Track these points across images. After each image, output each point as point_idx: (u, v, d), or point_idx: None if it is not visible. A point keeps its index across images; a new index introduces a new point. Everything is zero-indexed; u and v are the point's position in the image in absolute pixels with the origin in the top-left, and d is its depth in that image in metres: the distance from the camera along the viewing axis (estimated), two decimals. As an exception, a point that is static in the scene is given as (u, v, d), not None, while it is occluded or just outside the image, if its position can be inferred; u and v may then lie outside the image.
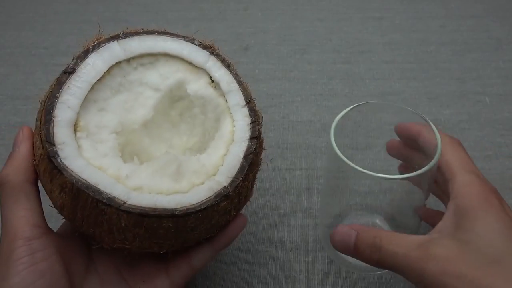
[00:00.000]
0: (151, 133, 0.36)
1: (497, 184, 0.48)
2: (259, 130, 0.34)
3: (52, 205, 0.31)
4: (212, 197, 0.31)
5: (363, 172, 0.32)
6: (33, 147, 0.31)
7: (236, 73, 0.36)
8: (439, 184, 0.37)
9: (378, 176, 0.32)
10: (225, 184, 0.31)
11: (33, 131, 0.32)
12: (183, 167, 0.32)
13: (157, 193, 0.30)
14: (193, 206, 0.30)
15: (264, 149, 0.36)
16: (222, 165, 0.33)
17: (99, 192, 0.28)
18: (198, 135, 0.36)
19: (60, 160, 0.29)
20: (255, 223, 0.46)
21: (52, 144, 0.29)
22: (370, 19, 0.71)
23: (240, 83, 0.35)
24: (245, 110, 0.35)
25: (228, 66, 0.36)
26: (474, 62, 0.63)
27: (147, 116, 0.35)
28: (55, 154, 0.29)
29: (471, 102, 0.57)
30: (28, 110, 0.57)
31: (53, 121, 0.30)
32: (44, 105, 0.31)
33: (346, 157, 0.33)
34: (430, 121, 0.36)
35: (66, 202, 0.29)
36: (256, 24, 0.70)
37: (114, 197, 0.29)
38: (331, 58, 0.64)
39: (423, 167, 0.32)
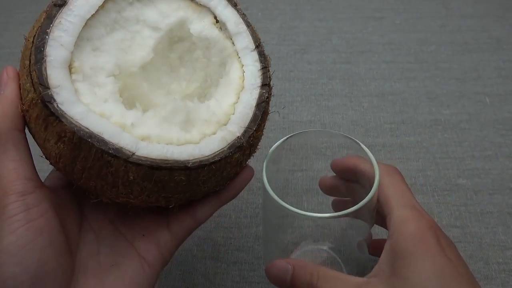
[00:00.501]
0: (149, 77, 0.32)
1: (497, 184, 0.48)
2: (269, 77, 0.32)
3: (43, 156, 0.28)
4: (225, 149, 0.29)
5: (297, 212, 0.30)
6: (20, 90, 0.28)
7: (243, 13, 0.33)
8: (382, 217, 0.34)
9: (313, 216, 0.30)
10: (238, 134, 0.29)
11: (18, 71, 0.29)
12: (192, 115, 0.29)
13: (167, 143, 0.28)
14: (206, 158, 0.28)
15: (273, 95, 0.34)
16: (233, 114, 0.30)
17: (104, 142, 0.26)
18: (199, 81, 0.33)
19: (57, 106, 0.25)
20: (255, 223, 0.46)
21: (47, 87, 0.26)
22: (370, 19, 0.71)
23: (248, 24, 0.33)
24: (255, 55, 0.32)
25: (234, 5, 0.33)
26: (474, 62, 0.63)
27: (146, 58, 0.31)
28: (51, 98, 0.26)
29: (471, 102, 0.57)
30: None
31: (45, 60, 0.26)
32: (32, 42, 0.27)
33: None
34: (365, 147, 0.34)
35: (64, 152, 0.26)
36: (256, 24, 0.70)
37: (121, 147, 0.26)
38: (331, 58, 0.64)
39: (362, 200, 0.30)
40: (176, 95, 0.32)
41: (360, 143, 0.34)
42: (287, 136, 0.35)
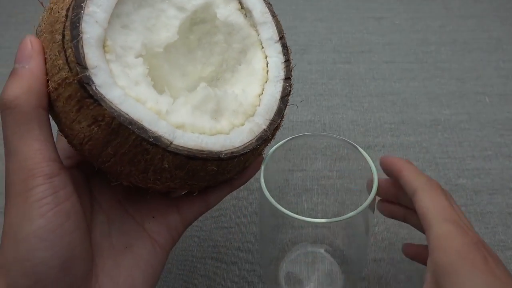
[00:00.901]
0: (170, 59, 0.31)
1: (497, 184, 0.48)
2: (292, 70, 0.32)
3: (61, 134, 0.28)
4: (254, 141, 0.29)
5: (293, 217, 0.30)
6: (46, 65, 0.26)
7: (269, 3, 0.32)
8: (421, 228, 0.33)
9: (310, 221, 0.30)
10: (264, 126, 0.30)
11: (43, 44, 0.27)
12: (222, 104, 0.29)
13: (200, 133, 0.27)
14: (237, 149, 0.28)
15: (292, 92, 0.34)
16: (259, 106, 0.30)
17: (144, 129, 0.25)
18: (215, 65, 0.33)
19: (96, 88, 0.24)
20: (255, 223, 0.46)
21: (85, 67, 0.24)
22: (370, 19, 0.71)
23: (273, 14, 0.32)
24: (278, 46, 0.32)
25: None
26: (474, 62, 0.63)
27: (171, 39, 0.30)
28: (89, 80, 0.24)
29: (471, 102, 0.57)
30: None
31: (81, 37, 0.25)
32: (66, 15, 0.25)
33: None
34: (361, 148, 0.34)
35: (96, 136, 0.25)
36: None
37: (161, 136, 0.25)
38: (331, 58, 0.64)
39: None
40: (190, 77, 0.32)
41: (359, 147, 0.34)
42: (285, 140, 0.35)
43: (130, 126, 0.24)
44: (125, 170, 0.27)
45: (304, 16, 0.72)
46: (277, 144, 0.34)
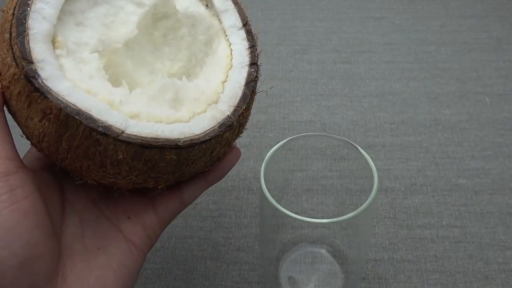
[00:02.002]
0: (133, 56, 0.31)
1: (497, 184, 0.48)
2: (257, 55, 0.32)
3: (24, 136, 0.27)
4: (216, 127, 0.28)
5: (293, 217, 0.30)
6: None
7: None
8: None
9: (310, 222, 0.30)
10: (228, 113, 0.29)
11: None
12: (181, 93, 0.29)
13: (157, 122, 0.27)
14: (197, 137, 0.27)
15: (260, 75, 0.33)
16: (222, 92, 0.30)
17: (92, 119, 0.25)
18: (183, 60, 0.33)
19: (42, 81, 0.24)
20: (255, 223, 0.46)
21: (30, 61, 0.24)
22: (370, 19, 0.71)
23: (235, 2, 0.32)
24: (242, 33, 0.31)
25: None
26: (474, 62, 0.63)
27: (129, 34, 0.30)
28: (35, 73, 0.24)
29: (471, 102, 0.57)
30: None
31: (27, 33, 0.25)
32: (13, 13, 0.26)
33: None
34: (361, 148, 0.34)
35: (48, 131, 0.25)
36: (256, 24, 0.70)
37: (111, 125, 0.25)
38: (331, 58, 0.64)
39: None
40: (160, 74, 0.32)
41: (359, 147, 0.34)
42: (285, 140, 0.35)
43: (77, 117, 0.24)
44: (84, 166, 0.26)
45: (304, 16, 0.72)
46: (277, 144, 0.34)
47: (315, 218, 0.30)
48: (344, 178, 0.42)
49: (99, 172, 0.26)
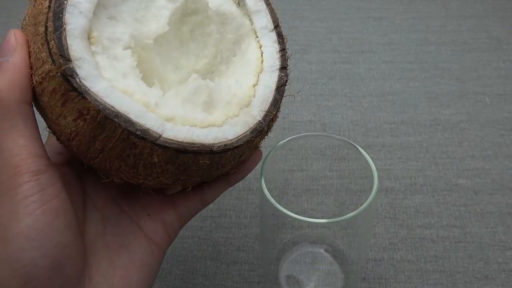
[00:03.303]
0: (161, 51, 0.30)
1: (497, 184, 0.48)
2: (287, 59, 0.31)
3: (49, 130, 0.27)
4: (248, 133, 0.28)
5: (294, 217, 0.30)
6: (30, 59, 0.25)
7: None
8: None
9: (310, 222, 0.30)
10: (259, 118, 0.29)
11: (27, 37, 0.26)
12: (214, 96, 0.28)
13: (191, 126, 0.26)
14: (230, 142, 0.27)
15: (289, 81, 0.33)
16: (254, 96, 0.29)
17: (130, 122, 0.24)
18: (208, 57, 0.32)
19: (80, 81, 0.23)
20: (255, 223, 0.46)
21: (68, 59, 0.23)
22: (370, 19, 0.71)
23: (267, 2, 0.31)
24: (273, 35, 0.31)
25: None
26: (474, 62, 0.63)
27: (161, 30, 0.29)
28: (73, 72, 0.23)
29: (471, 102, 0.57)
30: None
31: (64, 29, 0.24)
32: (49, 6, 0.24)
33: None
34: (361, 149, 0.34)
35: (82, 130, 0.24)
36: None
37: (148, 129, 0.24)
38: (331, 58, 0.64)
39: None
40: (184, 71, 0.31)
41: (359, 147, 0.34)
42: (285, 140, 0.35)
43: (116, 119, 0.24)
44: (114, 166, 0.26)
45: (304, 16, 0.72)
46: (277, 144, 0.34)
47: (315, 218, 0.30)
48: (344, 178, 0.42)
49: (130, 172, 0.26)
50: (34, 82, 0.25)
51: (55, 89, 0.24)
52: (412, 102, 0.57)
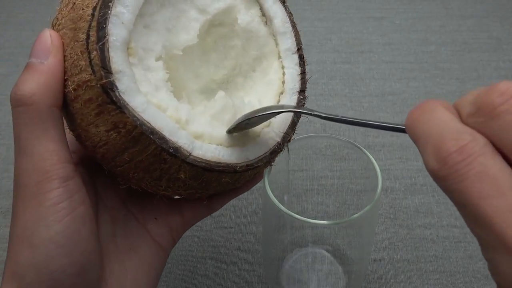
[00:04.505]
0: (185, 60, 0.30)
1: (497, 184, 0.48)
2: (306, 82, 0.31)
3: (72, 133, 0.27)
4: (268, 154, 0.29)
5: (297, 218, 0.30)
6: (64, 63, 0.25)
7: (290, 12, 0.32)
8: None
9: (313, 223, 0.30)
10: (278, 139, 0.29)
11: (62, 41, 0.25)
12: (238, 115, 0.28)
13: (217, 144, 0.27)
14: (251, 163, 0.28)
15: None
16: (274, 117, 0.30)
17: (164, 139, 0.24)
18: (227, 69, 0.32)
19: (119, 94, 0.23)
20: (255, 223, 0.46)
21: (109, 72, 0.23)
22: (370, 19, 0.71)
23: (293, 24, 0.32)
24: (296, 58, 0.31)
25: (283, 1, 0.31)
26: (474, 62, 0.63)
27: (190, 42, 0.29)
28: (113, 85, 0.23)
29: (471, 102, 0.57)
30: (28, 110, 0.57)
31: (107, 40, 0.23)
32: (93, 14, 0.24)
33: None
34: (367, 152, 0.34)
35: (114, 142, 0.24)
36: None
37: (180, 146, 0.25)
38: (331, 58, 0.64)
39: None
40: (202, 79, 0.31)
41: (363, 149, 0.34)
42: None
43: (151, 136, 0.24)
44: (138, 176, 0.26)
45: (304, 16, 0.72)
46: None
47: (315, 218, 0.30)
48: (344, 178, 0.42)
49: (151, 183, 0.26)
50: (68, 88, 0.25)
51: (92, 98, 0.24)
52: (412, 102, 0.57)
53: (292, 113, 0.30)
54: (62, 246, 0.24)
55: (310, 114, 0.26)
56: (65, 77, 0.25)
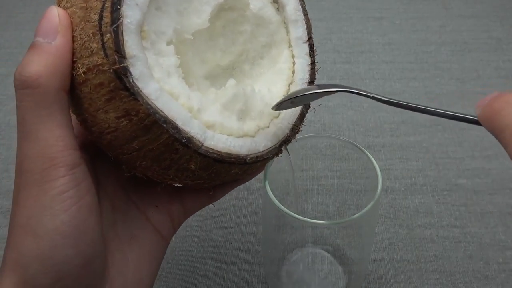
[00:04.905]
0: (193, 44, 0.29)
1: (497, 184, 0.48)
2: (316, 73, 0.31)
3: (76, 117, 0.25)
4: (277, 146, 0.28)
5: (297, 218, 0.30)
6: (73, 44, 0.23)
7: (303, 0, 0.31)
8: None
9: (313, 223, 0.30)
10: (288, 131, 0.29)
11: (71, 20, 0.23)
12: (249, 104, 0.28)
13: (228, 134, 0.26)
14: (261, 154, 0.27)
15: None
16: None
17: (177, 129, 0.23)
18: (234, 54, 0.31)
19: (133, 81, 0.22)
20: (255, 223, 0.46)
21: (123, 56, 0.22)
22: (370, 19, 0.71)
23: (305, 13, 0.30)
24: (306, 47, 0.30)
25: None
26: (474, 62, 0.63)
27: (201, 26, 0.28)
28: (127, 71, 0.22)
29: (471, 102, 0.57)
30: (28, 110, 0.57)
31: (121, 22, 0.22)
32: None
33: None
34: (367, 152, 0.34)
35: (124, 129, 0.23)
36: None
37: (193, 137, 0.24)
38: (331, 58, 0.64)
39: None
40: (208, 65, 0.31)
41: (364, 149, 0.34)
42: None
43: (164, 125, 0.23)
44: (145, 165, 0.25)
45: (304, 16, 0.72)
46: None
47: (315, 218, 0.30)
48: (344, 178, 0.42)
49: (159, 172, 0.26)
50: (76, 71, 0.23)
51: (103, 83, 0.22)
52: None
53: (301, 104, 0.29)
54: (68, 236, 0.23)
55: (369, 97, 0.24)
56: (73, 59, 0.23)
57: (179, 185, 0.28)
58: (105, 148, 0.26)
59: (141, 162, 0.25)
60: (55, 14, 0.23)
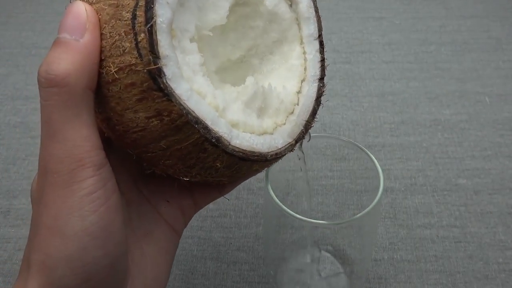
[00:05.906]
0: (208, 39, 0.29)
1: (497, 184, 0.48)
2: (325, 69, 0.31)
3: (99, 113, 0.25)
4: (293, 142, 0.28)
5: (299, 218, 0.30)
6: (102, 41, 0.23)
7: None
8: None
9: (315, 223, 0.30)
10: (302, 127, 0.29)
11: (99, 18, 0.23)
12: (267, 101, 0.28)
13: (250, 132, 0.26)
14: (280, 151, 0.27)
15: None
16: (297, 105, 0.29)
17: (207, 129, 0.23)
18: (243, 49, 0.31)
19: (166, 81, 0.22)
20: (255, 223, 0.46)
21: (158, 57, 0.22)
22: (370, 19, 0.71)
23: (316, 10, 0.31)
24: (317, 44, 0.31)
25: None
26: (474, 62, 0.63)
27: (219, 22, 0.28)
28: (161, 72, 0.22)
29: (471, 102, 0.57)
30: (28, 110, 0.57)
31: (155, 21, 0.22)
32: None
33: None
34: (369, 152, 0.34)
35: (153, 129, 0.23)
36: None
37: (221, 136, 0.24)
38: (331, 58, 0.64)
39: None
40: (218, 59, 0.30)
41: (365, 149, 0.34)
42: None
43: (196, 125, 0.23)
44: (169, 163, 0.25)
45: (304, 16, 0.72)
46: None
47: (315, 218, 0.30)
48: (344, 178, 0.42)
49: (182, 170, 0.25)
50: (104, 70, 0.23)
51: (135, 83, 0.22)
52: (412, 102, 0.57)
53: (314, 100, 0.30)
54: (97, 237, 0.22)
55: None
56: (101, 57, 0.23)
57: (196, 181, 0.28)
58: (126, 146, 0.26)
59: (165, 160, 0.25)
60: (83, 10, 0.23)
